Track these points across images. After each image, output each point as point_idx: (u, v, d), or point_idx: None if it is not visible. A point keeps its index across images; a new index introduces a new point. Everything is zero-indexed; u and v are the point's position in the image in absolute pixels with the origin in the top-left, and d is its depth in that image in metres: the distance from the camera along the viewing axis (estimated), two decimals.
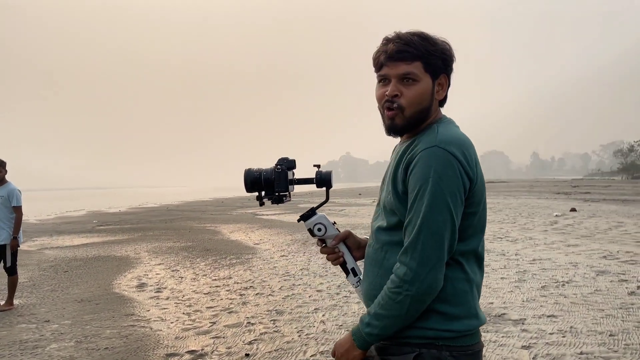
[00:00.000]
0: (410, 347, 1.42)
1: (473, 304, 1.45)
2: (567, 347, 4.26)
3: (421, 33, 1.46)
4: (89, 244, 13.55)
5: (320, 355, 4.33)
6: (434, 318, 1.41)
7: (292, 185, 1.69)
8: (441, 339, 1.40)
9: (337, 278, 7.57)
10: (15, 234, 6.40)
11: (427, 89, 1.46)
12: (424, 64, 1.44)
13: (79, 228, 19.30)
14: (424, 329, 1.41)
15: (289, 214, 22.83)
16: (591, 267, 7.67)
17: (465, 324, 1.42)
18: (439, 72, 1.47)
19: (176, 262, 9.90)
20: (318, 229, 1.62)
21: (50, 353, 4.67)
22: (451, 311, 1.41)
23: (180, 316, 5.81)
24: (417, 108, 1.46)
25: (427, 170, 1.34)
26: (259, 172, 1.66)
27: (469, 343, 1.43)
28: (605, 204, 22.35)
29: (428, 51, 1.44)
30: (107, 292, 7.31)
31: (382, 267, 1.48)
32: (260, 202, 1.68)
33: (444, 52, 1.47)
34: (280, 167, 1.64)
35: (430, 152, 1.35)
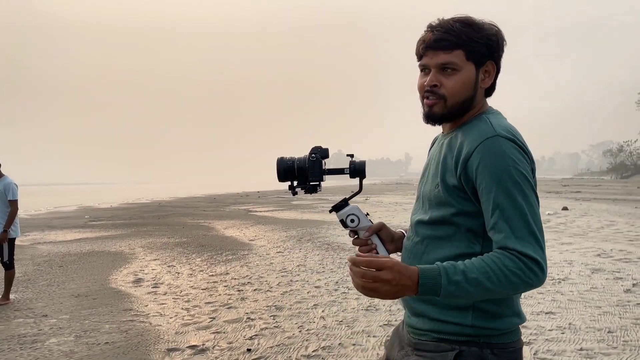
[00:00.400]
0: (448, 344, 1.37)
1: (516, 301, 1.42)
2: (567, 343, 4.31)
3: (465, 19, 1.40)
4: (82, 239, 13.47)
5: (322, 350, 4.34)
6: (475, 315, 1.36)
7: (324, 175, 1.63)
8: (483, 337, 1.36)
9: (334, 274, 7.58)
10: (7, 227, 6.31)
11: (469, 78, 1.40)
12: (465, 52, 1.38)
13: (71, 223, 19.17)
14: (464, 326, 1.37)
15: (283, 211, 22.83)
16: (586, 265, 7.75)
17: (508, 322, 1.38)
18: (483, 59, 1.40)
19: (172, 257, 9.87)
20: (351, 220, 1.59)
21: (50, 347, 4.64)
22: (493, 309, 1.36)
23: (179, 311, 5.80)
24: (460, 98, 1.41)
25: (503, 160, 1.29)
26: (292, 160, 1.60)
27: (510, 340, 1.39)
28: (596, 202, 22.56)
29: (470, 38, 1.37)
30: (104, 287, 7.27)
31: (422, 260, 1.44)
32: (293, 191, 1.62)
33: (489, 38, 1.39)
34: (315, 155, 1.59)
35: (495, 141, 1.31)
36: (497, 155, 1.30)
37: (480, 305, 1.37)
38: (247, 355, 4.29)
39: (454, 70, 1.39)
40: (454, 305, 1.38)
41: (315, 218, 18.24)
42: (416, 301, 1.45)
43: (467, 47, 1.38)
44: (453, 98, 1.41)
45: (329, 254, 9.56)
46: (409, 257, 1.51)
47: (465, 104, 1.42)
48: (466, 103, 1.42)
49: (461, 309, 1.38)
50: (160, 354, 4.40)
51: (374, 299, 5.95)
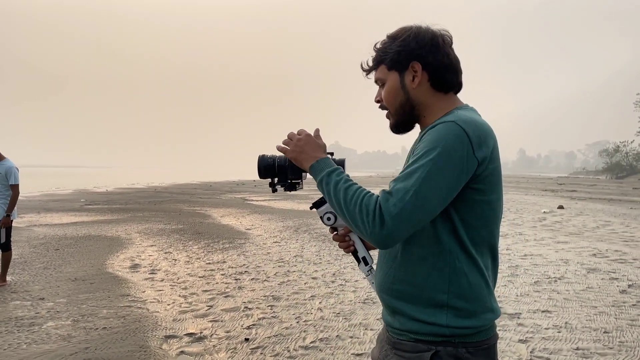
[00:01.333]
0: (425, 344, 1.41)
1: (488, 297, 1.44)
2: (564, 342, 4.34)
3: (390, 34, 1.53)
4: (79, 223, 13.44)
5: (319, 342, 4.36)
6: (449, 314, 1.40)
7: (306, 173, 1.64)
8: (457, 337, 1.40)
9: (331, 266, 7.60)
10: (9, 212, 6.34)
11: (393, 85, 1.52)
12: (386, 65, 1.52)
13: (67, 206, 19.11)
14: (439, 326, 1.40)
15: (280, 200, 22.82)
16: (582, 264, 7.79)
17: (482, 319, 1.42)
18: (404, 63, 1.49)
19: (168, 244, 9.86)
20: (327, 218, 1.59)
21: (48, 331, 4.64)
22: (467, 307, 1.40)
23: (177, 298, 5.81)
24: (395, 105, 1.53)
25: (438, 140, 1.33)
26: (272, 158, 1.63)
27: (485, 337, 1.43)
28: (591, 202, 22.66)
29: (385, 51, 1.51)
30: (101, 272, 7.26)
31: (397, 259, 1.47)
32: (273, 188, 1.65)
33: (405, 43, 1.48)
34: None
35: (445, 125, 1.36)
36: (436, 135, 1.35)
37: (454, 303, 1.40)
38: (245, 345, 4.30)
39: (383, 83, 1.55)
40: (427, 302, 1.41)
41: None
42: (391, 298, 1.48)
43: (385, 60, 1.52)
44: (390, 106, 1.54)
45: (326, 246, 9.57)
46: (384, 255, 1.53)
47: (405, 107, 1.52)
48: (406, 106, 1.52)
49: (436, 306, 1.40)
50: (158, 341, 4.41)
51: (371, 292, 5.98)
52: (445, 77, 1.50)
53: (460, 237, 1.40)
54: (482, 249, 1.43)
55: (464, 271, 1.40)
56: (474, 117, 1.43)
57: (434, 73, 1.49)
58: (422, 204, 1.30)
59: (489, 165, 1.38)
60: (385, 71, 1.52)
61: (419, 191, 1.29)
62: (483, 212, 1.41)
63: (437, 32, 1.50)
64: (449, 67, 1.50)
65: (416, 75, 1.49)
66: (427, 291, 1.41)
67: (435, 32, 1.50)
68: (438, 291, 1.40)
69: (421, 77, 1.49)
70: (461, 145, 1.32)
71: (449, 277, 1.40)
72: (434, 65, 1.48)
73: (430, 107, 1.51)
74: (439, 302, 1.40)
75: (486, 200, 1.41)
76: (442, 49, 1.49)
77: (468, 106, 1.53)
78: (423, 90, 1.50)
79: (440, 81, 1.50)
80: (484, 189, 1.39)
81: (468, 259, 1.41)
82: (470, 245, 1.40)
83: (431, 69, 1.48)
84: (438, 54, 1.48)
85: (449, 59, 1.50)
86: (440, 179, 1.31)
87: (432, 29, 1.51)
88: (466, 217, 1.40)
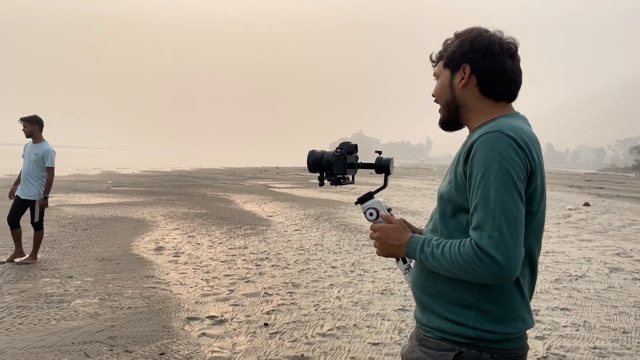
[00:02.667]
0: (450, 343, 1.42)
1: (521, 306, 1.43)
2: (581, 340, 4.34)
3: (457, 32, 1.56)
4: (106, 204, 13.77)
5: (337, 330, 4.44)
6: (477, 317, 1.40)
7: (355, 169, 1.75)
8: (483, 340, 1.39)
9: (350, 256, 7.67)
10: (46, 194, 6.59)
11: (443, 82, 1.56)
12: (444, 61, 1.56)
13: (95, 187, 19.55)
14: (466, 327, 1.41)
15: (301, 189, 22.94)
16: (604, 263, 7.70)
17: (511, 327, 1.40)
18: (456, 63, 1.52)
19: (192, 228, 10.06)
20: (370, 213, 1.65)
21: (76, 308, 4.83)
22: (496, 312, 1.39)
23: (199, 282, 5.95)
24: (442, 101, 1.58)
25: (492, 154, 1.33)
26: (321, 154, 1.74)
27: (512, 347, 1.42)
28: (619, 200, 22.22)
29: (446, 48, 1.55)
30: (127, 253, 7.47)
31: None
32: (320, 182, 1.75)
33: (462, 44, 1.51)
34: (340, 150, 1.71)
35: (492, 135, 1.35)
36: (488, 149, 1.34)
37: (483, 306, 1.40)
38: (264, 329, 4.41)
39: (438, 77, 1.60)
40: (457, 301, 1.43)
41: (333, 198, 18.32)
42: (423, 294, 1.51)
43: (444, 57, 1.57)
44: (440, 101, 1.60)
45: (346, 235, 9.64)
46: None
47: (450, 105, 1.56)
48: (452, 105, 1.56)
49: (465, 307, 1.42)
50: (181, 322, 4.55)
51: (389, 284, 6.04)
52: (494, 84, 1.49)
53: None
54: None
55: None
56: (518, 125, 1.42)
57: (482, 79, 1.49)
58: (512, 219, 1.30)
59: (537, 175, 1.38)
60: (441, 67, 1.57)
61: (503, 209, 1.30)
62: (528, 223, 1.39)
63: (497, 39, 1.48)
64: (501, 75, 1.48)
65: (464, 78, 1.50)
66: (457, 290, 1.42)
67: (494, 39, 1.48)
68: (468, 292, 1.41)
69: (468, 80, 1.50)
70: (515, 153, 1.33)
71: None
72: (484, 72, 1.48)
73: (476, 111, 1.51)
74: (468, 303, 1.41)
75: (532, 211, 1.40)
76: (497, 57, 1.47)
77: (518, 114, 1.52)
78: (470, 94, 1.51)
79: (489, 88, 1.49)
80: (532, 200, 1.39)
81: None
82: None
83: (480, 74, 1.49)
84: (491, 61, 1.47)
85: (503, 68, 1.48)
86: (513, 189, 1.32)
87: (494, 35, 1.50)
88: None
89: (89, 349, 3.87)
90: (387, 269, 6.81)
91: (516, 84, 1.51)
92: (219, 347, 4.00)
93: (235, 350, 3.93)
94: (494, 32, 1.50)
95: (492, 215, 1.30)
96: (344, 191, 21.78)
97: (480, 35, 1.49)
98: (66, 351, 3.81)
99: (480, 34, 1.49)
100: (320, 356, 3.86)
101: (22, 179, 6.64)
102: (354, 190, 22.58)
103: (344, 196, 19.17)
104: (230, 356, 3.82)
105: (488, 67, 1.47)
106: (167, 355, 3.80)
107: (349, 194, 20.14)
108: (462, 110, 1.53)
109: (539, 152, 1.41)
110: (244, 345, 4.04)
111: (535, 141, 1.42)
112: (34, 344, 3.94)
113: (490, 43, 1.47)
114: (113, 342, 4.02)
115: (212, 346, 4.01)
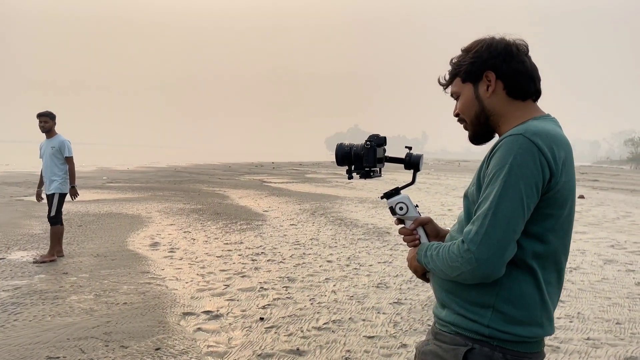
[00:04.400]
0: (463, 339, 1.43)
1: (540, 312, 1.41)
2: (575, 332, 4.37)
3: (464, 47, 1.56)
4: (100, 200, 13.73)
5: (332, 323, 4.46)
6: (493, 316, 1.40)
7: (382, 163, 1.71)
8: (497, 339, 1.39)
9: (346, 250, 7.69)
10: (73, 183, 6.76)
11: (467, 97, 1.55)
12: (460, 77, 1.55)
13: (90, 183, 19.49)
14: (481, 324, 1.41)
15: (297, 183, 22.96)
16: (599, 255, 7.75)
17: (526, 330, 1.40)
18: (478, 74, 1.51)
19: (187, 223, 10.05)
20: (400, 208, 1.63)
21: (71, 304, 4.82)
22: (513, 313, 1.39)
23: (195, 277, 5.96)
24: (471, 116, 1.56)
25: (507, 156, 1.34)
26: (349, 147, 1.70)
27: (526, 350, 1.41)
28: (613, 192, 22.33)
29: (459, 64, 1.55)
30: (122, 249, 7.46)
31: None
32: (349, 175, 1.71)
33: (478, 54, 1.51)
34: (369, 143, 1.67)
35: (513, 138, 1.36)
36: (505, 151, 1.36)
37: (500, 307, 1.40)
38: (260, 324, 4.42)
39: (459, 96, 1.59)
40: (474, 301, 1.43)
41: (328, 192, 18.34)
42: (442, 291, 1.52)
43: (459, 73, 1.56)
44: (467, 117, 1.58)
45: (342, 229, 9.66)
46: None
47: (480, 117, 1.55)
48: (481, 117, 1.54)
49: (482, 306, 1.42)
50: (177, 317, 4.55)
51: (384, 277, 6.06)
52: (521, 84, 1.50)
53: (520, 246, 1.37)
54: (544, 262, 1.41)
55: (518, 279, 1.39)
56: (546, 127, 1.41)
57: (509, 81, 1.49)
58: (503, 222, 1.31)
59: (560, 179, 1.37)
60: (460, 84, 1.55)
61: (497, 211, 1.31)
62: (551, 226, 1.39)
63: (511, 41, 1.51)
64: (525, 74, 1.50)
65: (490, 85, 1.50)
66: (475, 290, 1.42)
67: (509, 41, 1.51)
68: (486, 292, 1.41)
69: (495, 86, 1.50)
70: (532, 159, 1.32)
71: (501, 280, 1.39)
72: (509, 74, 1.49)
73: (506, 116, 1.51)
74: (485, 303, 1.41)
75: (554, 214, 1.39)
76: (516, 57, 1.49)
77: (548, 116, 1.51)
78: (498, 99, 1.51)
79: (517, 89, 1.50)
80: (554, 203, 1.38)
81: (526, 269, 1.39)
82: (530, 257, 1.39)
83: (506, 77, 1.49)
84: (512, 62, 1.49)
85: (525, 67, 1.50)
86: (516, 194, 1.32)
87: (506, 38, 1.52)
88: (527, 227, 1.37)
89: (84, 344, 3.87)
90: (382, 263, 6.84)
91: (539, 79, 1.54)
92: (214, 341, 4.01)
93: (231, 345, 3.94)
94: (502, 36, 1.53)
95: (485, 214, 1.33)
96: (340, 185, 21.81)
97: (494, 41, 1.51)
98: (61, 347, 3.81)
99: (493, 40, 1.51)
100: (316, 350, 3.88)
101: (44, 177, 6.76)
102: (349, 185, 22.60)
103: (340, 191, 19.19)
104: (226, 350, 3.83)
105: (511, 69, 1.49)
106: (163, 350, 3.81)
107: (345, 189, 20.17)
108: (493, 119, 1.53)
109: (568, 156, 1.40)
110: (240, 340, 4.04)
111: (563, 144, 1.40)
112: (29, 340, 3.94)
113: (506, 45, 1.50)
114: (108, 337, 4.02)
115: (208, 341, 4.02)
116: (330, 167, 10.14)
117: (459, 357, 1.42)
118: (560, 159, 1.37)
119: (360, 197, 16.43)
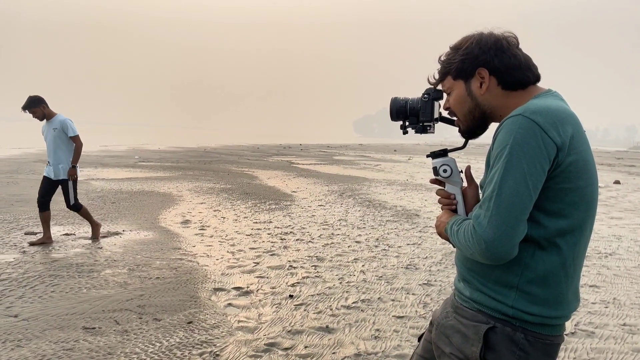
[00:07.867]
0: (485, 316, 1.42)
1: (565, 291, 1.40)
2: (610, 317, 4.27)
3: (453, 45, 1.53)
4: (133, 179, 13.99)
5: (361, 302, 4.46)
6: (518, 297, 1.38)
7: (437, 120, 1.64)
8: (520, 320, 1.38)
9: (375, 231, 7.66)
10: (74, 163, 6.31)
11: (459, 94, 1.52)
12: (452, 75, 1.53)
13: (122, 162, 19.88)
14: (505, 304, 1.39)
15: (325, 165, 22.95)
16: (635, 241, 7.54)
17: (552, 309, 1.38)
18: (469, 71, 1.48)
19: (217, 202, 10.16)
20: (444, 170, 1.58)
21: (106, 277, 4.94)
22: (538, 293, 1.38)
23: (225, 254, 6.03)
24: (463, 112, 1.54)
25: (507, 137, 1.32)
26: (405, 100, 1.64)
27: (548, 333, 1.40)
28: None
29: (449, 62, 1.52)
30: (154, 226, 7.59)
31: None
32: (404, 130, 1.65)
33: (468, 51, 1.48)
34: (427, 96, 1.61)
35: (513, 120, 1.33)
36: (505, 133, 1.34)
37: (525, 287, 1.38)
38: (289, 301, 4.45)
39: (451, 92, 1.56)
40: (498, 280, 1.40)
41: (357, 174, 18.27)
42: (464, 267, 1.51)
43: (450, 71, 1.53)
44: (458, 113, 1.56)
45: (370, 211, 9.62)
46: None
47: (474, 112, 1.53)
48: (475, 112, 1.52)
49: (505, 286, 1.40)
50: (208, 293, 4.62)
51: (414, 259, 6.02)
52: (515, 77, 1.47)
53: (542, 225, 1.36)
54: (571, 238, 1.38)
55: (543, 259, 1.37)
56: (547, 103, 1.37)
57: (502, 76, 1.47)
58: (508, 203, 1.29)
59: (568, 154, 1.33)
60: (451, 81, 1.53)
61: (501, 192, 1.30)
62: (571, 199, 1.36)
63: (501, 36, 1.48)
64: (518, 67, 1.47)
65: (484, 82, 1.48)
66: (499, 270, 1.40)
67: (499, 36, 1.48)
68: (510, 273, 1.39)
69: (489, 82, 1.48)
70: (533, 137, 1.30)
71: (525, 261, 1.37)
72: (502, 69, 1.46)
73: (505, 106, 1.48)
74: (509, 283, 1.39)
75: (571, 187, 1.35)
76: (507, 51, 1.46)
77: (549, 91, 1.47)
78: (493, 95, 1.49)
79: (511, 82, 1.47)
80: (568, 176, 1.34)
81: (550, 248, 1.37)
82: (555, 234, 1.36)
83: (499, 72, 1.47)
84: (504, 57, 1.46)
85: (517, 60, 1.46)
86: (519, 174, 1.29)
87: (495, 33, 1.49)
88: (546, 206, 1.35)
89: (119, 316, 3.96)
90: (411, 245, 6.79)
91: (535, 67, 1.50)
92: (245, 317, 4.06)
93: (261, 321, 3.98)
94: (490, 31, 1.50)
95: (490, 196, 1.33)
96: (368, 168, 21.71)
97: (483, 36, 1.48)
98: (97, 318, 3.91)
99: (482, 36, 1.48)
100: (345, 328, 3.89)
101: (49, 160, 6.35)
102: (377, 167, 22.47)
103: (368, 173, 19.11)
104: (257, 326, 3.87)
105: (504, 63, 1.45)
106: (195, 324, 3.87)
107: (373, 171, 20.07)
108: (489, 113, 1.51)
109: (575, 129, 1.35)
110: (270, 316, 4.08)
111: (568, 117, 1.36)
112: (66, 310, 4.05)
113: (496, 40, 1.47)
114: (142, 310, 4.11)
115: (239, 316, 4.07)
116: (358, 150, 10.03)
117: (480, 335, 1.41)
118: (567, 134, 1.33)
119: (389, 180, 16.32)
